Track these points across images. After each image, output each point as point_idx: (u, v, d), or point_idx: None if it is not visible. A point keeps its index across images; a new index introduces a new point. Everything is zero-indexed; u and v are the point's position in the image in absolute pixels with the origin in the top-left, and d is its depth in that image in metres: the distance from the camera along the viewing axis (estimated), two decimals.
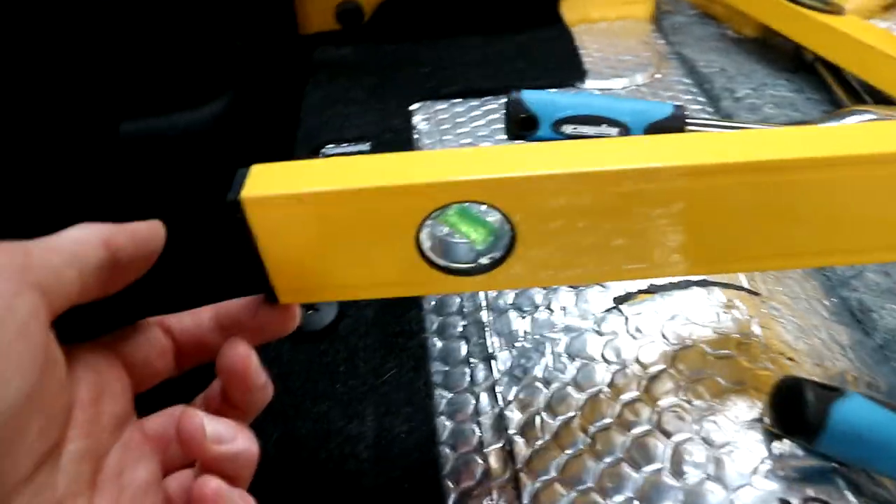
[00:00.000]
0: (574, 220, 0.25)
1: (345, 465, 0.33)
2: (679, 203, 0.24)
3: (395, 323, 0.39)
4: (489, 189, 0.24)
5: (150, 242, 0.25)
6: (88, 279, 0.22)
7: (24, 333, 0.19)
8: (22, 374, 0.18)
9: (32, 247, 0.21)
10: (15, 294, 0.19)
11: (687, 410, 0.30)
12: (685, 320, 0.33)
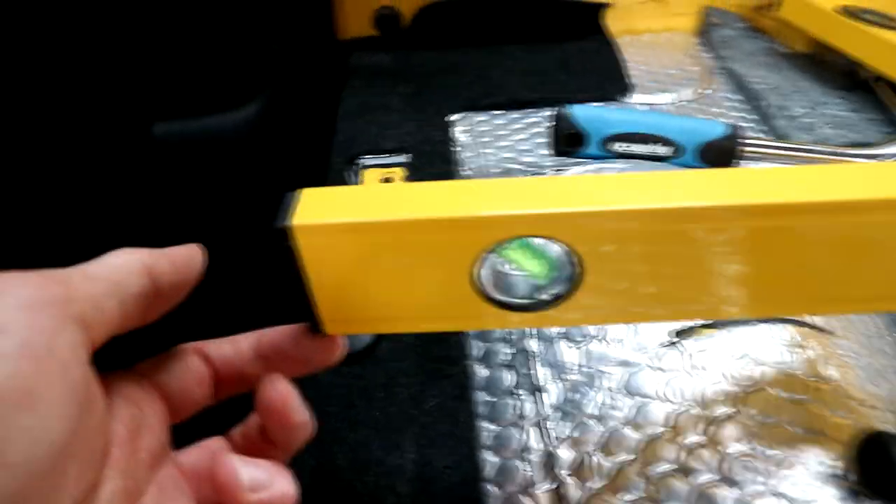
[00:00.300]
0: (641, 256, 0.23)
1: (384, 501, 0.31)
2: (749, 242, 0.22)
3: (437, 348, 0.37)
4: (556, 224, 0.22)
5: (189, 267, 0.23)
6: (129, 308, 0.21)
7: (65, 373, 0.17)
8: (62, 419, 0.17)
9: (73, 276, 0.19)
10: (56, 331, 0.17)
11: (757, 459, 0.27)
12: (752, 359, 0.30)
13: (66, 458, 0.17)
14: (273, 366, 0.26)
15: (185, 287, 0.23)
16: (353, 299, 0.25)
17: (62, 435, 0.17)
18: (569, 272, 0.25)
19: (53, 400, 0.17)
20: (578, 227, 0.22)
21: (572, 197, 0.23)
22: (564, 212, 0.22)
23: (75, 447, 0.18)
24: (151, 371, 0.24)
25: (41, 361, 0.17)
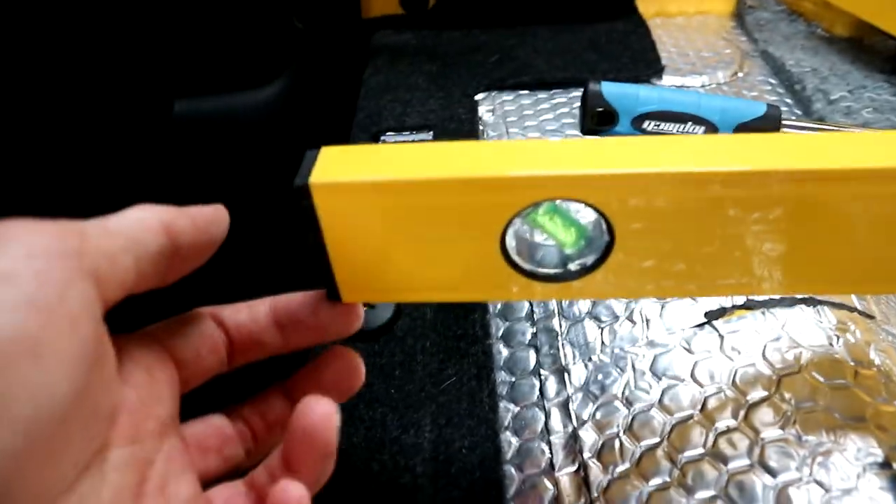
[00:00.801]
0: (675, 225, 0.22)
1: (399, 479, 0.30)
2: (792, 212, 0.21)
3: (457, 326, 0.36)
4: (591, 186, 0.21)
5: (212, 228, 0.22)
6: (146, 267, 0.20)
7: (75, 328, 0.16)
8: (70, 375, 0.16)
9: (88, 228, 0.18)
10: (68, 283, 0.17)
11: (794, 446, 0.26)
12: (791, 342, 0.29)
13: (73, 418, 0.17)
14: (289, 333, 0.25)
15: (207, 249, 0.22)
16: (372, 266, 0.24)
17: (69, 393, 0.16)
18: (599, 241, 0.23)
19: (61, 355, 0.16)
20: (613, 190, 0.21)
21: (609, 158, 0.21)
22: (600, 173, 0.21)
23: (82, 408, 0.17)
24: (165, 335, 0.23)
25: (50, 314, 0.16)
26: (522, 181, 0.21)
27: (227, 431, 0.25)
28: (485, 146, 0.23)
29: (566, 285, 0.24)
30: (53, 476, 0.16)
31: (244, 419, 0.25)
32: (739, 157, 0.20)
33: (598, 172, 0.21)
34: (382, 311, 0.37)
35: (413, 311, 0.37)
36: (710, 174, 0.20)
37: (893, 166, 0.19)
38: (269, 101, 0.74)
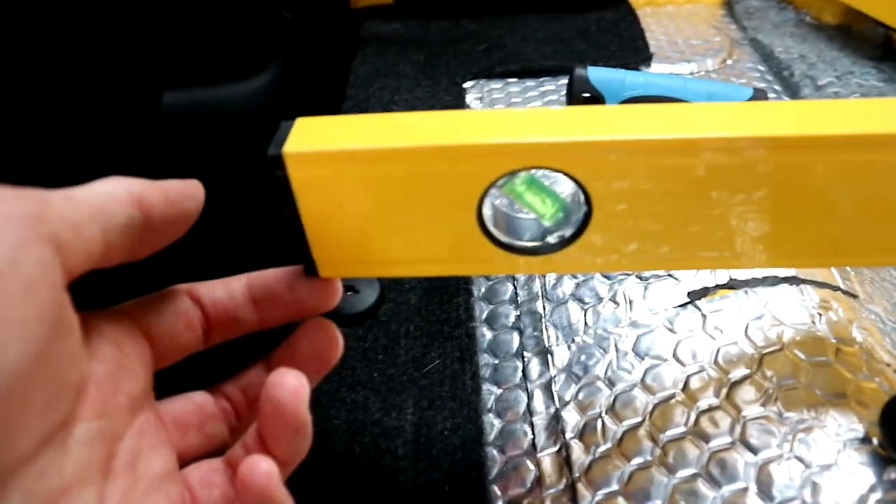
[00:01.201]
0: (657, 194, 0.21)
1: (380, 462, 0.30)
2: (772, 181, 0.20)
3: (441, 310, 0.36)
4: (568, 154, 0.21)
5: (186, 203, 0.22)
6: (114, 239, 0.19)
7: (28, 292, 0.16)
8: (24, 339, 0.16)
9: (51, 196, 0.18)
10: (21, 245, 0.16)
11: (776, 423, 0.26)
12: (773, 321, 0.29)
13: (31, 386, 0.16)
14: (266, 310, 0.25)
15: (181, 223, 0.22)
16: (350, 239, 0.24)
17: (22, 357, 0.16)
18: (577, 213, 0.23)
19: (12, 318, 0.16)
20: (589, 158, 0.21)
21: (585, 126, 0.21)
22: (575, 141, 0.20)
23: (41, 375, 0.17)
24: (137, 312, 0.23)
25: (2, 275, 0.16)
26: (497, 149, 0.21)
27: (209, 408, 0.24)
28: (463, 115, 0.22)
29: (546, 258, 0.23)
30: (10, 443, 0.16)
31: (226, 396, 0.25)
32: (718, 124, 0.20)
33: (574, 140, 0.21)
34: (366, 296, 0.37)
35: (397, 295, 0.37)
36: (689, 141, 0.20)
37: (872, 132, 0.19)
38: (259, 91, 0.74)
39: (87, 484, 0.19)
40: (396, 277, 0.38)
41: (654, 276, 0.32)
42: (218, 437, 0.24)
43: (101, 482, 0.19)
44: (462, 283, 0.37)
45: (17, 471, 0.17)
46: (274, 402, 0.20)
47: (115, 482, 0.20)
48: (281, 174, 0.22)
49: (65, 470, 0.18)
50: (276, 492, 0.20)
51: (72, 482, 0.18)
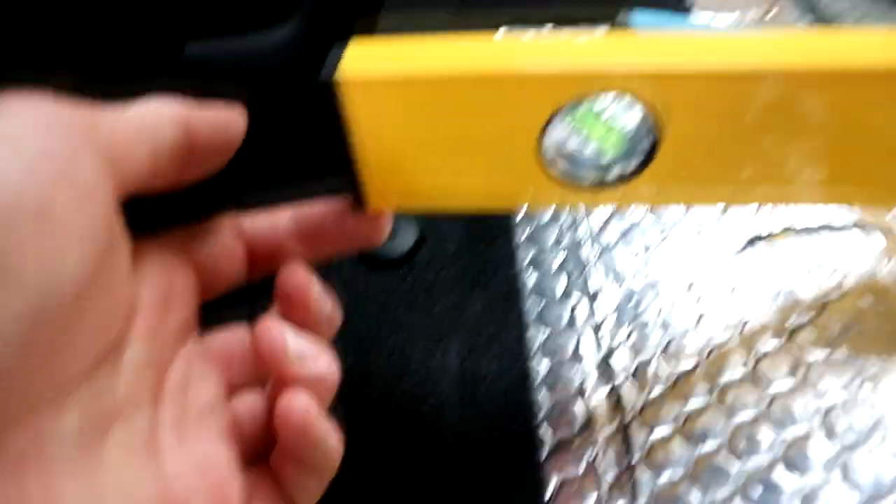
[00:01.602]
0: (725, 124, 0.20)
1: (424, 403, 0.29)
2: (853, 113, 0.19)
3: (482, 253, 0.35)
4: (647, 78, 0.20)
5: (230, 128, 0.21)
6: (161, 161, 0.19)
7: (84, 202, 0.15)
8: (81, 248, 0.15)
9: (101, 112, 0.17)
10: (77, 152, 0.15)
11: (840, 367, 0.25)
12: (837, 266, 0.28)
13: (86, 299, 0.15)
14: (312, 243, 0.24)
15: (224, 150, 0.21)
16: (402, 169, 0.23)
17: (79, 267, 0.15)
18: (641, 145, 0.22)
19: (70, 223, 0.15)
20: (666, 83, 0.20)
21: (659, 51, 0.20)
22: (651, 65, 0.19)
23: (96, 291, 0.16)
24: (183, 241, 0.22)
25: (58, 180, 0.15)
26: (566, 73, 0.20)
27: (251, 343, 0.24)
28: (525, 41, 0.21)
29: (605, 192, 0.22)
30: (68, 357, 0.15)
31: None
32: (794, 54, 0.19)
33: (649, 64, 0.19)
34: (405, 241, 0.36)
35: (436, 240, 0.36)
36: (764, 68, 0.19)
37: None
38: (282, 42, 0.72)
39: (139, 407, 0.18)
40: (443, 213, 0.37)
41: (709, 220, 0.31)
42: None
43: (153, 407, 0.19)
44: (504, 227, 0.36)
45: (74, 388, 0.16)
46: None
47: (166, 408, 0.19)
48: (334, 101, 0.21)
49: (117, 392, 0.17)
50: (315, 426, 0.19)
51: (124, 405, 0.17)
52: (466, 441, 0.28)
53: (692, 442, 0.25)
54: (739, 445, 0.24)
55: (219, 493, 0.18)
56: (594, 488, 0.25)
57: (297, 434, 0.19)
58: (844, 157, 0.21)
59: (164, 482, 0.17)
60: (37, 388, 0.14)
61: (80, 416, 0.16)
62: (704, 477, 0.24)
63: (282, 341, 0.19)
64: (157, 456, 0.18)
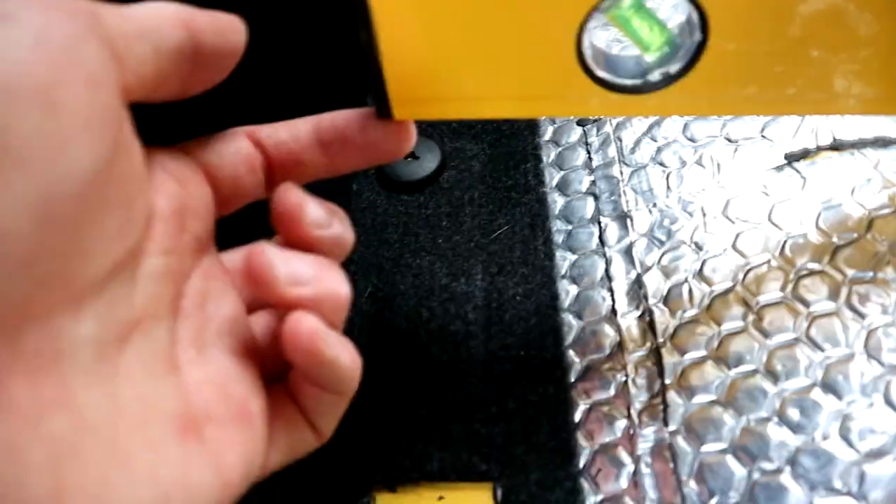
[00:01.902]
0: (772, 34, 0.19)
1: (450, 326, 0.29)
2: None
3: (507, 176, 0.34)
4: None
5: (232, 36, 0.20)
6: (165, 63, 0.17)
7: (92, 88, 0.14)
8: (90, 136, 0.14)
9: (101, 6, 0.16)
10: (82, 38, 0.14)
11: (887, 287, 0.24)
12: (884, 182, 0.26)
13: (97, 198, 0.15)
14: (334, 155, 0.23)
15: (229, 57, 0.20)
16: (429, 72, 0.21)
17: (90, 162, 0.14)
18: (686, 45, 0.20)
19: (77, 111, 0.14)
20: None
21: None
22: None
23: (108, 191, 0.15)
24: (198, 151, 0.21)
25: (61, 62, 0.14)
26: None
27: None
28: None
29: (643, 99, 0.21)
30: (82, 262, 0.14)
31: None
32: None
33: None
34: (427, 162, 0.35)
35: (460, 163, 0.35)
36: None
37: None
38: None
39: (157, 320, 0.17)
40: (470, 124, 0.36)
41: (745, 138, 0.30)
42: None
43: (172, 320, 0.18)
44: (530, 150, 0.34)
45: (91, 294, 0.15)
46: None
47: (185, 321, 0.19)
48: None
49: (135, 303, 0.17)
50: (324, 346, 0.18)
51: (142, 316, 0.17)
52: (494, 363, 0.27)
53: (726, 365, 0.24)
54: (776, 368, 0.24)
55: (240, 408, 0.18)
56: (624, 412, 0.25)
57: (307, 355, 0.18)
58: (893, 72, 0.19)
59: (185, 395, 0.17)
60: (51, 285, 0.14)
61: (98, 324, 0.15)
62: (739, 400, 0.23)
63: (269, 266, 0.18)
64: (177, 369, 0.17)
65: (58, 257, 0.14)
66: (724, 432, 0.23)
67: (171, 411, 0.16)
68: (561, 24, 0.20)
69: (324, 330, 0.18)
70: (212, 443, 0.17)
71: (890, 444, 0.21)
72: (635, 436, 0.24)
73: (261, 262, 0.18)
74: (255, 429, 0.18)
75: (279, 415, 0.19)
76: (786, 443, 0.22)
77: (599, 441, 0.24)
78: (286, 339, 0.18)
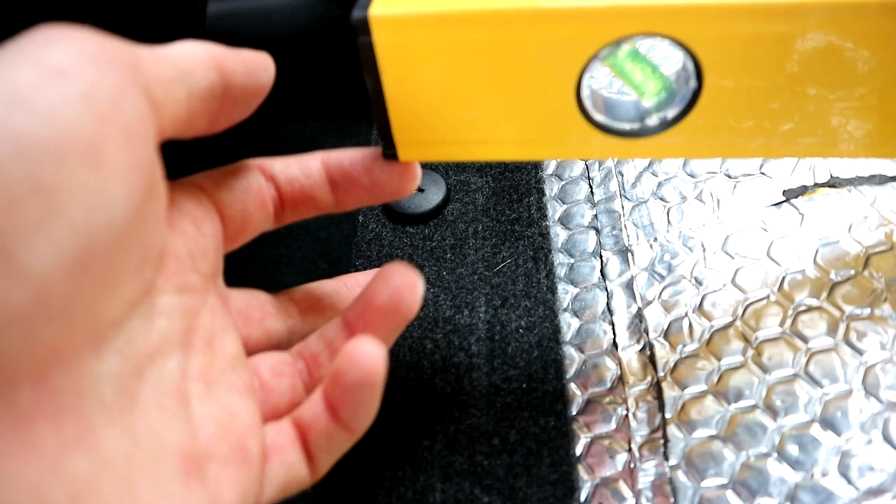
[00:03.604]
0: (770, 69, 0.19)
1: (454, 358, 0.29)
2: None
3: (510, 209, 0.34)
4: (688, 18, 0.19)
5: (261, 73, 0.21)
6: (197, 103, 0.18)
7: (130, 140, 0.15)
8: (126, 191, 0.15)
9: (140, 50, 0.17)
10: (122, 91, 0.15)
11: (884, 324, 0.24)
12: (881, 220, 0.27)
13: (127, 243, 0.15)
14: (342, 192, 0.24)
15: (256, 95, 0.21)
16: (433, 116, 0.22)
17: (124, 210, 0.15)
18: (682, 92, 0.21)
19: (119, 166, 0.14)
20: (709, 23, 0.19)
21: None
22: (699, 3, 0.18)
23: (136, 235, 0.16)
24: (211, 187, 0.22)
25: (106, 119, 0.14)
26: (607, 12, 0.19)
27: (270, 307, 0.24)
28: None
29: (642, 143, 0.22)
30: (109, 302, 0.15)
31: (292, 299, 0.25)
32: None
33: (693, 2, 0.19)
34: (432, 195, 0.35)
35: (464, 195, 0.36)
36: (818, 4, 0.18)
37: None
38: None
39: (170, 354, 0.18)
40: (477, 162, 0.37)
41: (745, 175, 0.30)
42: (276, 336, 0.23)
43: (183, 354, 0.19)
44: (533, 183, 0.35)
45: (111, 332, 0.16)
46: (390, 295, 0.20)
47: (195, 356, 0.19)
48: (365, 40, 0.21)
49: (150, 338, 0.17)
50: (381, 376, 0.19)
51: (156, 351, 0.17)
52: (497, 395, 0.27)
53: (726, 400, 0.25)
54: (775, 404, 0.24)
55: (240, 446, 0.18)
56: (625, 445, 0.25)
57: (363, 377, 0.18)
58: (891, 110, 0.20)
59: (192, 431, 0.17)
60: (79, 327, 0.15)
61: (118, 359, 0.16)
62: (738, 435, 0.24)
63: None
64: (186, 404, 0.18)
65: (86, 300, 0.14)
66: (724, 467, 0.23)
67: (179, 448, 0.17)
68: (561, 72, 0.20)
69: (384, 362, 0.19)
70: (212, 481, 0.17)
71: (889, 482, 0.21)
72: (636, 470, 0.24)
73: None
74: (253, 467, 0.18)
75: (277, 453, 0.20)
76: (785, 479, 0.22)
77: (600, 474, 0.25)
78: (347, 359, 0.18)
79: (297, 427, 0.20)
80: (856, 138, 0.21)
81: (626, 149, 0.22)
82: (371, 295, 0.21)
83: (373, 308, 0.21)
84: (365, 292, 0.21)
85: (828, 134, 0.21)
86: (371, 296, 0.21)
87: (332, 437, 0.20)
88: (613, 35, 0.19)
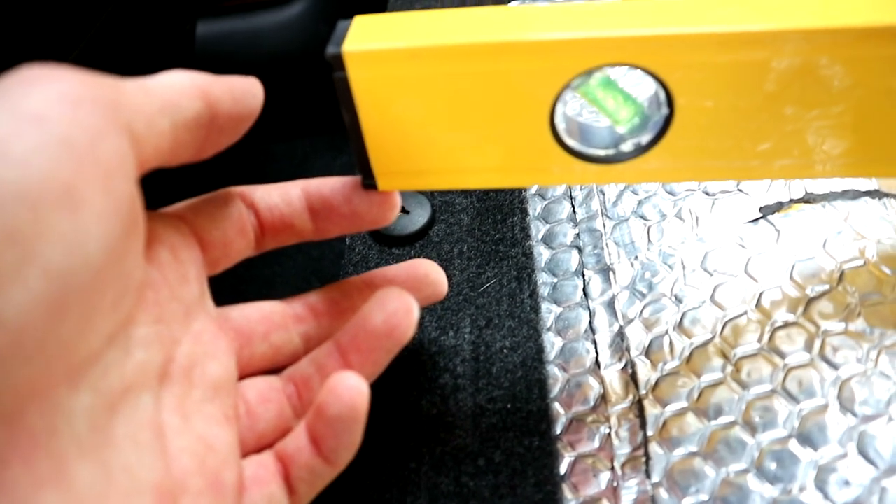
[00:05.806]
0: (741, 95, 0.20)
1: (439, 379, 0.29)
2: (864, 79, 0.19)
3: (495, 230, 0.35)
4: (656, 48, 0.19)
5: (249, 100, 0.21)
6: (182, 134, 0.19)
7: (109, 182, 0.15)
8: (103, 232, 0.15)
9: (125, 84, 0.17)
10: (102, 132, 0.15)
11: (858, 339, 0.25)
12: (855, 235, 0.27)
13: (104, 281, 0.16)
14: (322, 220, 0.24)
15: (244, 121, 0.21)
16: (410, 147, 0.23)
17: (103, 251, 0.15)
18: (655, 118, 0.22)
19: (95, 208, 0.15)
20: (678, 53, 0.19)
21: (672, 17, 0.19)
22: (663, 33, 0.19)
23: (113, 272, 0.16)
24: (191, 215, 0.22)
25: (83, 162, 0.15)
26: (577, 44, 0.20)
27: (276, 319, 0.24)
28: (535, 9, 0.21)
29: (618, 168, 0.22)
30: (83, 337, 0.15)
31: (308, 305, 0.25)
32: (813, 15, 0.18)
33: (661, 32, 0.19)
34: (418, 217, 0.36)
35: (449, 216, 0.36)
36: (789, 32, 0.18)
37: None
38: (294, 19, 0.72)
39: (146, 387, 0.18)
40: (456, 189, 0.37)
41: (722, 192, 0.31)
42: (285, 348, 0.24)
43: (159, 386, 0.19)
44: (517, 203, 0.35)
45: (87, 368, 0.16)
46: (385, 320, 0.20)
47: (170, 388, 0.19)
48: (341, 75, 0.21)
49: (126, 371, 0.17)
50: (363, 411, 0.19)
51: (132, 384, 0.18)
52: (482, 415, 0.28)
53: (706, 417, 0.25)
54: (754, 419, 0.24)
55: (215, 479, 0.19)
56: (608, 464, 0.25)
57: (346, 410, 0.19)
58: (866, 129, 0.20)
59: (166, 465, 0.18)
60: (55, 367, 0.15)
61: (92, 394, 0.16)
62: (719, 452, 0.24)
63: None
64: (161, 437, 0.18)
65: (62, 340, 0.15)
66: (705, 484, 0.24)
67: (152, 483, 0.17)
68: (534, 102, 0.21)
69: (367, 395, 0.19)
70: None
71: (865, 496, 0.22)
72: (619, 488, 0.24)
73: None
74: (228, 499, 0.19)
75: (257, 485, 0.20)
76: (764, 495, 0.23)
77: (584, 493, 0.25)
78: (334, 391, 0.19)
79: (279, 459, 0.20)
80: (832, 157, 0.21)
81: (603, 174, 0.22)
82: (365, 319, 0.21)
83: (366, 332, 0.21)
84: (359, 316, 0.22)
85: (805, 154, 0.21)
86: (365, 319, 0.21)
87: (314, 469, 0.20)
88: (584, 66, 0.20)
